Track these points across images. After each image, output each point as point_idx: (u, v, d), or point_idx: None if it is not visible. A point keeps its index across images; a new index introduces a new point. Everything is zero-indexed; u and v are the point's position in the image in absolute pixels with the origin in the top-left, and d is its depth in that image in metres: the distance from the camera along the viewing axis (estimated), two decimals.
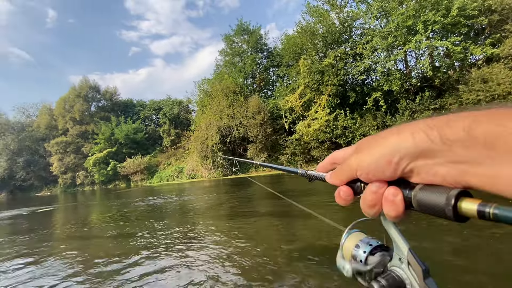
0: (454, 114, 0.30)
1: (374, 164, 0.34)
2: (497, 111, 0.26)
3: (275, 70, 32.27)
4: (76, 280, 3.33)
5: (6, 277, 3.68)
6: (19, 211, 13.97)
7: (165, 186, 24.26)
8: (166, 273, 3.21)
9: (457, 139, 0.27)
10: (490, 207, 0.25)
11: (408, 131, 0.32)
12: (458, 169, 0.28)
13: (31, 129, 46.92)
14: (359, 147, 0.39)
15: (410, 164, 0.31)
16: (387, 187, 0.34)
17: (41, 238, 6.21)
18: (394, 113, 21.34)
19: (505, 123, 0.24)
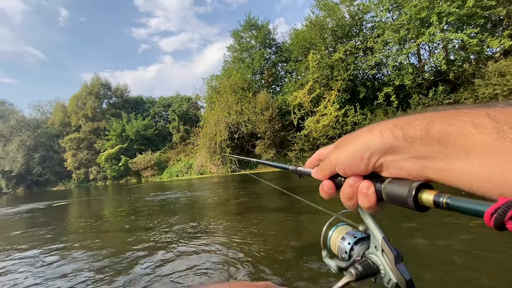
0: (417, 115, 0.33)
1: (349, 159, 0.37)
2: (451, 112, 0.29)
3: (283, 66, 31.97)
4: (91, 272, 3.43)
5: (24, 268, 3.84)
6: (36, 205, 14.50)
7: (175, 182, 24.62)
8: (177, 266, 3.27)
9: (417, 137, 0.30)
10: (444, 197, 0.28)
11: (377, 130, 0.35)
12: (419, 164, 0.31)
13: (46, 126, 48.38)
14: (338, 144, 0.42)
15: (380, 159, 0.35)
16: (362, 180, 0.37)
17: (57, 231, 6.42)
18: (406, 108, 20.83)
19: (455, 123, 0.27)
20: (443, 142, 0.28)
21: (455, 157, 0.27)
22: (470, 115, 0.27)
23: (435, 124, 0.29)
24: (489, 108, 0.27)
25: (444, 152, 0.28)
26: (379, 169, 0.36)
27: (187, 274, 3.04)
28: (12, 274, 3.65)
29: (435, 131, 0.29)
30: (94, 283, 3.07)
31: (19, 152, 44.51)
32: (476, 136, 0.25)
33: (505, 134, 0.24)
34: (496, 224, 0.22)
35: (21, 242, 5.53)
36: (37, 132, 46.76)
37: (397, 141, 0.32)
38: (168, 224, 5.79)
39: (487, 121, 0.26)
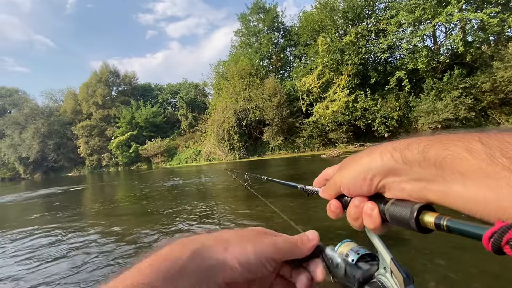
0: (414, 138, 0.34)
1: (353, 180, 0.39)
2: (446, 137, 0.31)
3: (292, 50, 31.21)
4: (106, 253, 3.61)
5: (43, 248, 4.07)
6: (53, 190, 15.12)
7: (184, 168, 25.07)
8: None
9: (415, 160, 0.32)
10: (444, 219, 0.29)
11: (378, 152, 0.37)
12: (419, 186, 0.32)
13: (59, 114, 49.51)
14: (342, 165, 0.44)
15: (382, 181, 0.36)
16: (367, 201, 0.38)
17: (74, 215, 6.72)
18: (419, 93, 20.19)
19: (450, 147, 0.29)
20: (440, 166, 0.29)
21: (452, 180, 0.28)
22: (464, 140, 0.28)
23: (431, 149, 0.30)
24: (482, 134, 0.28)
25: (442, 176, 0.29)
26: (382, 190, 0.37)
27: None
28: (34, 253, 3.88)
29: (431, 155, 0.30)
30: (107, 264, 3.23)
31: (35, 139, 45.96)
32: (470, 161, 0.27)
33: (497, 160, 0.25)
34: (494, 248, 0.23)
35: (41, 224, 5.83)
36: (51, 120, 47.97)
37: (397, 164, 0.34)
38: (179, 208, 5.96)
39: (479, 146, 0.27)
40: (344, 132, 22.45)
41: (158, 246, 0.32)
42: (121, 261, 3.26)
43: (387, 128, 20.60)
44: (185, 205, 6.34)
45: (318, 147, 23.96)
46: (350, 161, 0.42)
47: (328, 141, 23.82)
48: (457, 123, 17.94)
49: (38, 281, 2.93)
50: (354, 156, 0.42)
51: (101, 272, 3.00)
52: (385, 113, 20.52)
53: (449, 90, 18.08)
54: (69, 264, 3.35)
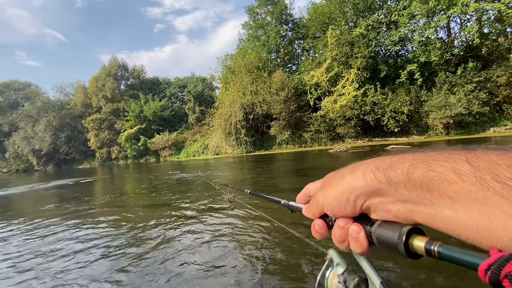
0: (397, 157, 0.33)
1: (335, 201, 0.37)
2: (431, 156, 0.29)
3: (300, 43, 30.75)
4: (116, 244, 3.70)
5: (56, 237, 4.20)
6: (65, 181, 15.54)
7: (191, 162, 25.31)
8: (194, 240, 3.45)
9: (400, 181, 0.30)
10: (435, 245, 0.27)
11: (360, 171, 0.35)
12: (406, 208, 0.30)
13: (69, 107, 50.50)
14: (324, 183, 0.41)
15: (366, 202, 0.34)
16: (352, 223, 0.36)
17: (85, 205, 6.90)
18: (431, 87, 19.68)
19: (436, 168, 0.27)
20: (427, 188, 0.28)
21: (440, 204, 0.27)
22: (450, 161, 0.27)
23: (417, 169, 0.29)
24: (469, 153, 0.27)
25: (429, 198, 0.28)
26: (367, 211, 0.35)
27: (200, 247, 3.20)
28: (48, 243, 4.02)
29: (417, 177, 0.28)
30: (119, 255, 3.32)
31: (47, 132, 47.12)
32: (459, 184, 0.25)
33: (487, 184, 0.24)
34: (491, 281, 0.21)
35: (54, 215, 6.01)
36: (62, 113, 49.02)
37: (381, 184, 0.32)
38: (187, 200, 6.04)
39: (468, 168, 0.25)
40: (353, 126, 22.16)
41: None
42: (131, 251, 3.34)
43: (396, 123, 20.22)
44: (193, 197, 6.42)
45: (326, 141, 23.76)
46: (332, 179, 0.40)
47: (336, 135, 23.59)
48: (470, 118, 17.47)
49: (51, 270, 3.03)
50: (336, 173, 0.40)
51: (112, 262, 3.08)
52: (395, 107, 20.12)
53: (463, 84, 17.55)
54: (80, 255, 3.45)
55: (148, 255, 3.18)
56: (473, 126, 18.01)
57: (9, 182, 21.50)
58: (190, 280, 2.47)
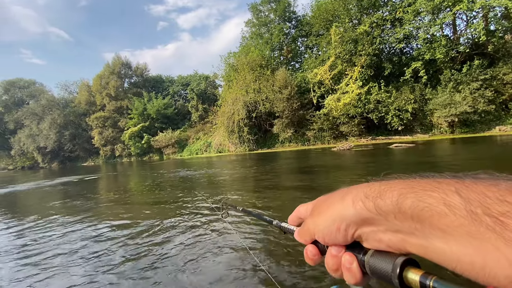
0: (386, 185, 0.31)
1: (326, 229, 0.36)
2: (420, 185, 0.28)
3: (303, 41, 30.55)
4: (120, 240, 3.73)
5: (62, 233, 4.25)
6: (70, 179, 15.69)
7: (194, 159, 25.39)
8: (196, 236, 3.46)
9: (390, 211, 0.29)
10: (430, 279, 0.26)
11: (350, 199, 0.34)
12: (398, 238, 0.30)
13: (74, 105, 50.87)
14: (315, 209, 0.41)
15: (358, 231, 0.33)
16: (344, 251, 0.36)
17: (90, 202, 6.97)
18: (436, 85, 19.48)
19: (426, 199, 0.27)
20: (418, 220, 0.27)
21: (432, 236, 0.26)
22: (440, 191, 0.26)
23: (406, 199, 0.28)
24: (458, 183, 0.26)
25: (421, 230, 0.27)
26: (359, 239, 0.34)
27: (202, 241, 3.21)
28: (54, 239, 4.06)
29: (407, 207, 0.28)
30: (123, 251, 3.34)
31: (51, 130, 47.54)
32: (450, 217, 0.25)
33: (479, 218, 0.23)
34: None
35: (60, 211, 6.08)
36: (66, 111, 49.40)
37: (371, 213, 0.31)
38: (190, 198, 6.07)
39: (458, 200, 0.25)
40: (356, 125, 22.04)
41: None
42: (134, 248, 3.37)
43: (400, 121, 20.08)
44: (196, 195, 6.44)
45: (329, 140, 23.68)
46: (322, 205, 0.39)
47: (339, 134, 23.49)
48: (476, 116, 17.27)
49: (56, 266, 3.06)
50: (327, 199, 0.39)
51: (115, 258, 3.11)
52: (399, 105, 19.96)
53: (468, 82, 17.34)
54: (85, 250, 3.49)
55: (150, 251, 3.21)
56: (478, 125, 17.81)
57: (15, 179, 21.77)
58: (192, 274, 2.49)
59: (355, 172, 7.85)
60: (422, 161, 8.68)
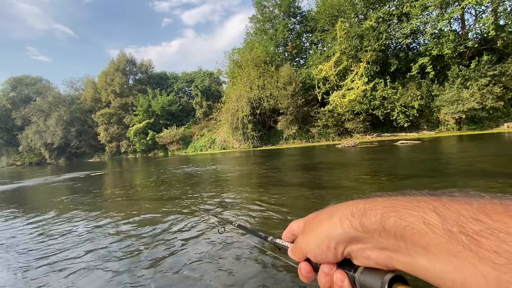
0: (370, 202, 0.33)
1: (317, 249, 0.37)
2: (400, 203, 0.30)
3: (308, 36, 30.32)
4: (126, 235, 3.79)
5: (69, 228, 4.33)
6: (77, 175, 15.90)
7: (199, 156, 25.52)
8: (201, 233, 3.50)
9: (375, 229, 0.30)
10: None
11: (337, 218, 0.35)
12: (384, 255, 0.31)
13: (79, 102, 51.43)
14: (306, 226, 0.42)
15: (347, 248, 0.34)
16: (336, 269, 0.37)
17: (96, 198, 7.06)
18: (443, 81, 19.20)
19: (407, 218, 0.28)
20: (401, 238, 0.28)
21: (416, 253, 0.27)
22: (419, 210, 0.28)
23: (389, 218, 0.29)
24: (436, 201, 0.28)
25: (405, 247, 0.28)
26: (349, 256, 0.35)
27: (206, 239, 3.25)
28: (60, 235, 4.15)
29: (390, 226, 0.29)
30: (129, 246, 3.40)
31: (58, 126, 48.18)
32: (429, 235, 0.26)
33: (456, 236, 0.24)
34: None
35: (67, 206, 6.18)
36: (72, 108, 49.98)
37: (357, 232, 0.32)
38: (195, 194, 6.11)
39: (435, 218, 0.26)
40: (361, 121, 21.88)
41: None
42: (140, 243, 3.42)
43: (406, 118, 19.86)
44: (201, 191, 6.49)
45: (334, 136, 23.57)
46: (311, 224, 0.40)
47: (344, 130, 23.35)
48: (484, 113, 17.00)
49: (63, 259, 3.13)
50: (316, 216, 0.40)
51: (121, 253, 3.16)
52: (405, 102, 19.73)
53: (476, 78, 17.04)
54: (91, 245, 3.55)
55: (156, 247, 3.25)
56: (486, 121, 17.53)
57: (23, 174, 22.17)
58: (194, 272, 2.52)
59: (360, 169, 7.82)
60: (428, 158, 8.60)
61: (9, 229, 4.72)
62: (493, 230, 0.23)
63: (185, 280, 2.38)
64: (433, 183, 4.98)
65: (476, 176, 5.25)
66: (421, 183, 5.06)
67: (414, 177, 5.72)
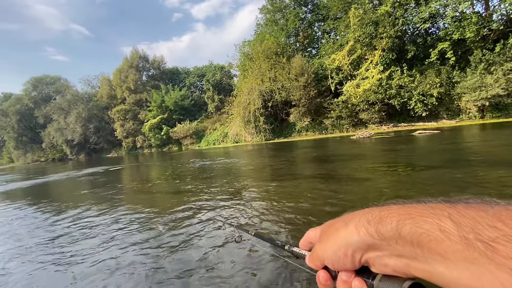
0: (386, 210, 0.33)
1: (334, 256, 0.37)
2: (416, 210, 0.30)
3: (320, 25, 29.47)
4: (145, 226, 3.91)
5: (93, 220, 4.53)
6: (96, 169, 16.55)
7: (212, 150, 25.80)
8: (214, 225, 3.56)
9: (391, 237, 0.31)
10: None
11: (353, 225, 0.35)
12: (402, 262, 0.31)
13: (96, 99, 53.04)
14: (322, 235, 0.42)
15: (364, 256, 0.34)
16: (354, 277, 0.37)
17: (115, 191, 7.34)
18: (464, 67, 18.21)
19: (422, 225, 0.28)
20: (418, 245, 0.28)
21: (433, 261, 0.27)
22: (434, 217, 0.28)
23: (405, 226, 0.29)
24: (451, 208, 0.28)
25: (422, 255, 0.28)
26: (366, 264, 0.35)
27: (225, 232, 3.29)
28: (83, 227, 4.34)
29: (406, 233, 0.29)
30: (147, 237, 3.51)
31: (77, 123, 50.08)
32: (446, 242, 0.26)
33: (472, 243, 0.24)
34: None
35: (88, 199, 6.46)
36: (90, 105, 51.67)
37: (374, 239, 0.32)
38: (209, 187, 6.20)
39: (450, 225, 0.26)
40: (377, 112, 21.25)
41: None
42: (156, 234, 3.52)
43: (425, 106, 19.09)
44: (215, 184, 6.57)
45: (348, 128, 23.08)
46: (328, 232, 0.40)
47: (358, 121, 22.80)
48: (509, 100, 16.04)
49: (89, 248, 3.28)
50: (332, 225, 0.40)
51: (139, 245, 3.27)
52: (423, 90, 18.92)
53: (501, 63, 16.03)
54: (108, 237, 3.69)
55: (172, 241, 3.33)
56: (511, 108, 16.57)
57: (47, 170, 23.32)
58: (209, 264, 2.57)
59: (376, 160, 7.63)
60: (448, 148, 8.26)
61: (48, 219, 4.99)
62: (509, 237, 0.23)
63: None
64: (454, 174, 4.79)
65: (500, 166, 4.98)
66: (441, 174, 4.87)
67: (433, 168, 5.52)
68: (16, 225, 4.94)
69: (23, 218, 5.40)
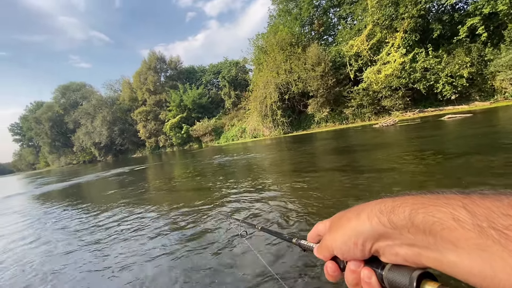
0: (399, 200, 0.33)
1: (344, 245, 0.38)
2: (429, 200, 0.30)
3: (336, 11, 28.30)
4: (171, 223, 4.01)
5: (121, 217, 4.72)
6: (122, 169, 17.36)
7: (231, 146, 26.02)
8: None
9: (403, 226, 0.31)
10: None
11: (365, 215, 0.35)
12: (413, 251, 0.31)
13: (119, 102, 55.47)
14: (332, 226, 0.42)
15: (374, 245, 0.35)
16: (363, 266, 0.37)
17: (141, 190, 7.63)
18: (498, 43, 16.69)
19: (435, 214, 0.28)
20: (430, 233, 0.28)
21: (445, 249, 0.27)
22: (448, 206, 0.28)
23: (418, 215, 0.30)
24: (465, 198, 0.28)
25: (434, 243, 0.28)
26: (376, 253, 0.36)
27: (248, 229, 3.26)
28: (112, 224, 4.54)
29: (419, 222, 0.29)
30: (171, 232, 3.58)
31: (103, 126, 52.80)
32: (459, 230, 0.26)
33: (486, 231, 0.25)
34: None
35: (116, 199, 6.77)
36: (113, 108, 54.15)
37: (386, 228, 0.33)
38: (231, 183, 6.24)
39: (465, 214, 0.26)
40: (400, 97, 20.20)
41: None
42: (182, 232, 3.57)
43: (454, 89, 17.81)
44: (236, 179, 6.59)
45: (370, 116, 22.19)
46: (338, 222, 0.40)
47: (381, 109, 21.83)
48: None
49: (115, 246, 3.40)
50: (343, 215, 0.40)
51: (168, 242, 3.33)
52: (452, 71, 17.63)
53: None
54: (139, 235, 3.80)
55: (195, 237, 3.36)
56: None
57: (79, 172, 24.85)
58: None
59: (401, 149, 7.23)
60: (481, 133, 7.62)
61: (86, 217, 5.30)
62: None
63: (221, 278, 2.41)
64: (491, 160, 4.39)
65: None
66: (475, 161, 4.49)
67: (465, 154, 5.11)
68: (60, 224, 5.27)
69: (69, 218, 5.75)
